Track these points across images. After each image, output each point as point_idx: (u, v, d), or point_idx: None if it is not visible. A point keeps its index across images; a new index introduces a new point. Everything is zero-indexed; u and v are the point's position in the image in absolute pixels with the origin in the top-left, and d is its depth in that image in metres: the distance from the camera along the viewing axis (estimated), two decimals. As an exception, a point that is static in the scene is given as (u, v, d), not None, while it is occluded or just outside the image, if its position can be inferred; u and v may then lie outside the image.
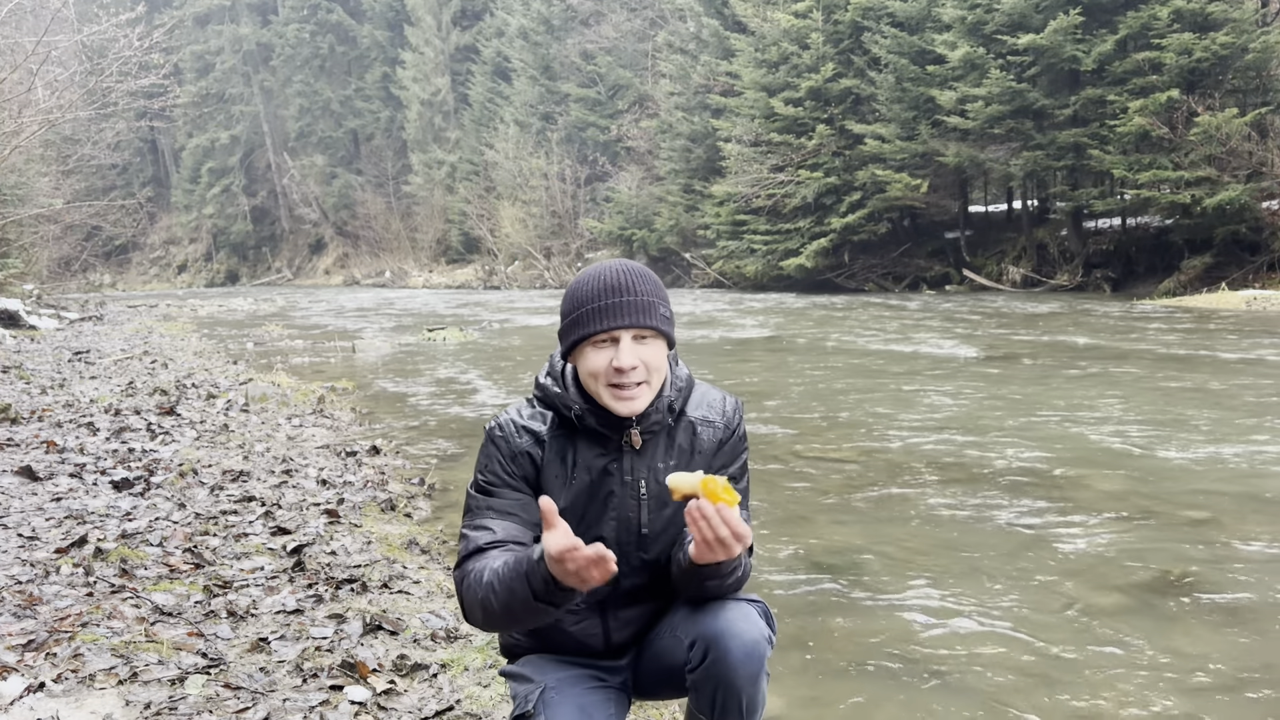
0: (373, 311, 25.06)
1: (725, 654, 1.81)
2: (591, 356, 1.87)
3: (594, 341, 1.86)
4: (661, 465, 1.95)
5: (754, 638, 1.82)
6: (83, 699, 2.55)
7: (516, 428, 1.95)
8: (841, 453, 6.35)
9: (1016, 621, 3.50)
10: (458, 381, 10.52)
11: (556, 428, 1.95)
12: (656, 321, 1.87)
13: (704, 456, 1.98)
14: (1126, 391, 8.43)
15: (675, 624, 1.95)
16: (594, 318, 1.85)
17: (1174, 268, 20.37)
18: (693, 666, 1.86)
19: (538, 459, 1.93)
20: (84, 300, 30.76)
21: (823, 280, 26.41)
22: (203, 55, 59.14)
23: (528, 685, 1.95)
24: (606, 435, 1.93)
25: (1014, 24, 21.41)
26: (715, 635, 1.82)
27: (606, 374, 1.85)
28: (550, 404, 1.96)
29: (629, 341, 1.84)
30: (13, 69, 16.61)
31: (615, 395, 1.86)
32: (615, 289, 1.85)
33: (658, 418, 1.93)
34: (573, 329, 1.88)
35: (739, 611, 1.85)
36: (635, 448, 1.93)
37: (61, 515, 4.40)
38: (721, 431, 2.00)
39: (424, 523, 4.92)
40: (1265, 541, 4.31)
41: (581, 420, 1.91)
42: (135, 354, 12.63)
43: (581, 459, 1.93)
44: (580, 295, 1.88)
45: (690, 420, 1.99)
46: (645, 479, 1.94)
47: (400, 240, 50.53)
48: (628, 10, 37.40)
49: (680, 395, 1.97)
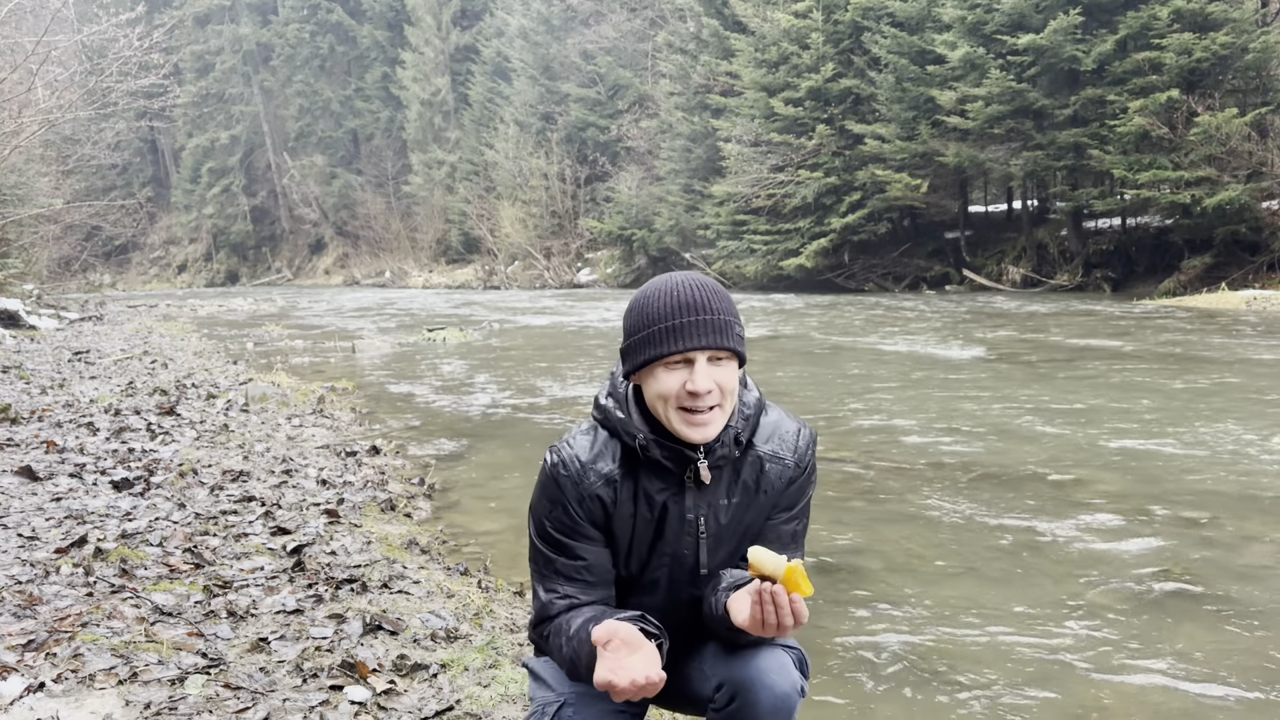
0: (373, 311, 25.06)
1: (754, 705, 1.73)
2: (663, 378, 1.73)
3: (666, 363, 1.72)
4: (724, 502, 1.82)
5: (785, 691, 1.73)
6: (83, 699, 2.55)
7: (584, 467, 1.79)
8: (841, 453, 6.35)
9: (1016, 621, 3.50)
10: (458, 381, 10.52)
11: (623, 463, 1.80)
12: (732, 342, 1.73)
13: (770, 496, 1.85)
14: (1126, 391, 8.43)
15: (705, 657, 1.86)
16: (667, 337, 1.71)
17: (1174, 268, 20.36)
18: (718, 709, 1.78)
19: (608, 502, 1.79)
20: (84, 300, 30.76)
21: (823, 280, 26.41)
22: (203, 55, 59.11)
23: (547, 692, 1.87)
24: (669, 469, 1.79)
25: (1014, 24, 21.40)
26: (745, 683, 1.74)
27: (679, 397, 1.72)
28: (611, 429, 1.82)
29: (704, 363, 1.71)
30: (13, 69, 16.60)
31: (687, 420, 1.72)
32: (690, 307, 1.71)
33: (724, 451, 1.78)
34: (642, 348, 1.74)
35: (774, 661, 1.76)
36: (703, 483, 1.79)
37: (61, 515, 4.40)
38: (792, 470, 1.85)
39: (424, 523, 4.92)
40: (1265, 541, 4.31)
41: (646, 451, 1.77)
42: (135, 354, 12.63)
43: (646, 494, 1.80)
44: (651, 312, 1.73)
45: (759, 454, 1.84)
46: (705, 516, 1.82)
47: (400, 240, 50.53)
48: (628, 10, 37.38)
49: (748, 425, 1.82)
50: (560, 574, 1.81)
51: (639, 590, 1.89)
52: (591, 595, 1.82)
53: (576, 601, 1.81)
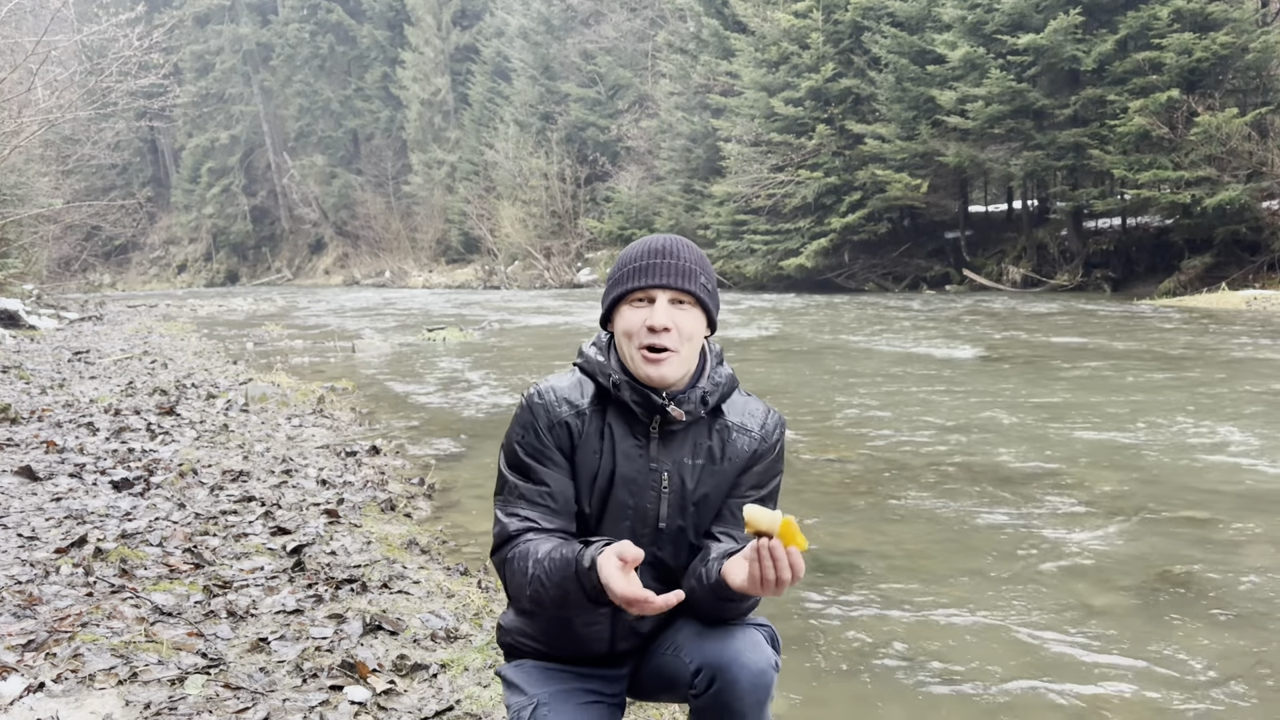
0: (373, 311, 25.06)
1: (733, 684, 1.78)
2: (628, 315, 1.87)
3: (631, 300, 1.87)
4: (689, 462, 1.91)
5: (761, 667, 1.80)
6: (83, 699, 2.55)
7: (557, 396, 1.91)
8: (841, 453, 6.35)
9: (1016, 621, 3.50)
10: (458, 381, 10.52)
11: (595, 401, 1.92)
12: (695, 288, 1.86)
13: (733, 465, 1.93)
14: (1126, 391, 8.43)
15: (680, 643, 1.92)
16: (634, 275, 1.87)
17: (1174, 268, 20.36)
18: (698, 693, 1.84)
19: (575, 431, 1.90)
20: (84, 300, 30.75)
21: (823, 280, 26.41)
22: (202, 55, 59.10)
23: (521, 697, 1.93)
24: (637, 417, 1.89)
25: (1014, 24, 21.40)
26: (723, 664, 1.80)
27: (639, 334, 1.85)
28: (590, 371, 1.94)
29: (664, 303, 1.85)
30: (13, 69, 16.60)
31: (646, 358, 1.85)
32: (659, 251, 1.87)
33: (690, 407, 1.88)
34: (613, 288, 1.90)
35: (747, 640, 1.83)
36: (665, 433, 1.89)
37: (61, 515, 4.40)
38: (757, 443, 1.95)
39: (424, 523, 4.92)
40: (1265, 541, 4.31)
41: (618, 390, 1.88)
42: (135, 354, 12.63)
43: (613, 437, 1.90)
44: (626, 257, 1.91)
45: (727, 424, 1.94)
46: (669, 471, 1.90)
47: (400, 240, 50.52)
48: (628, 10, 37.38)
49: (717, 390, 1.92)
50: (523, 498, 1.90)
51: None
52: (551, 522, 1.89)
53: (535, 526, 1.88)
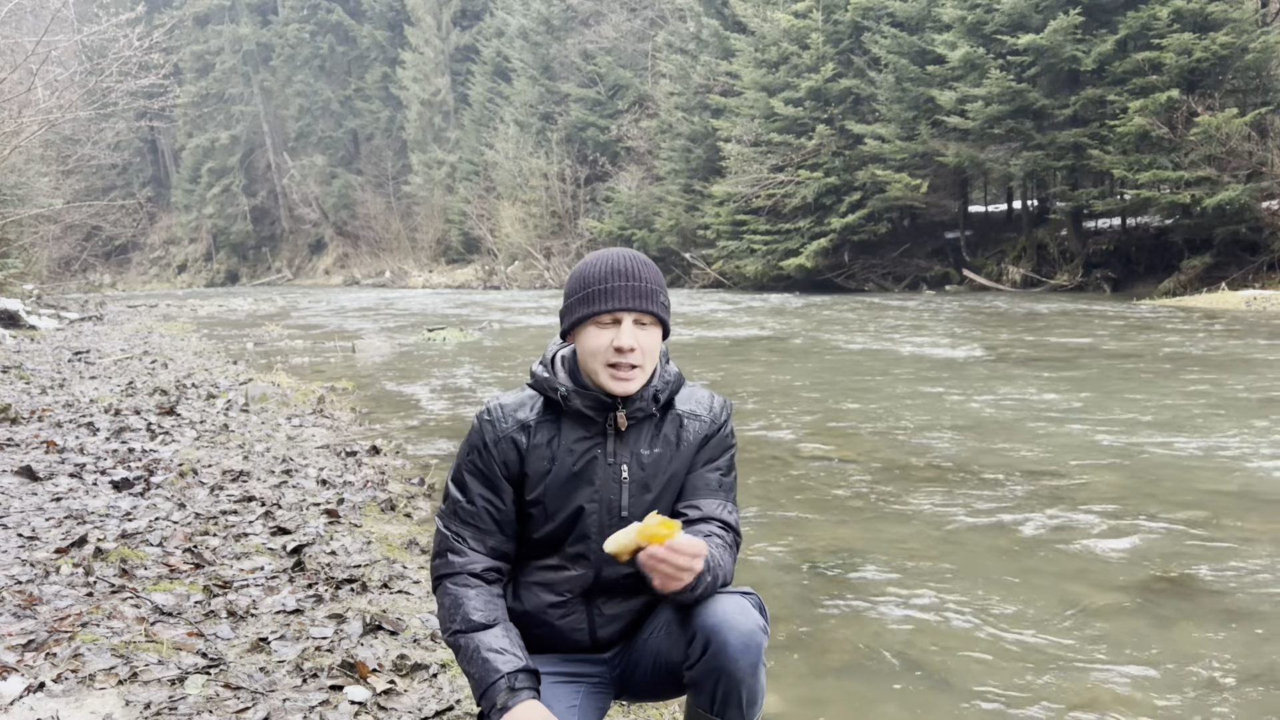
0: (373, 311, 25.06)
1: (724, 646, 1.84)
2: (594, 335, 1.94)
3: (597, 321, 1.94)
4: (646, 452, 2.01)
5: (750, 628, 1.86)
6: (83, 699, 2.55)
7: (504, 413, 2.02)
8: (841, 453, 6.35)
9: (1016, 621, 3.50)
10: (458, 382, 10.52)
11: (543, 413, 2.01)
12: (656, 308, 1.96)
13: (689, 448, 2.05)
14: (1126, 391, 8.43)
15: (669, 621, 1.99)
16: (600, 298, 1.93)
17: (1174, 268, 20.37)
18: (692, 662, 1.89)
19: (522, 445, 2.00)
20: (84, 300, 30.73)
21: (823, 280, 26.41)
22: (203, 55, 59.14)
23: None
24: (591, 418, 1.99)
25: (1014, 24, 21.41)
26: (713, 628, 1.86)
27: (606, 353, 1.93)
28: (539, 388, 2.03)
29: (630, 324, 1.93)
30: (13, 69, 16.61)
31: (613, 375, 1.93)
32: (622, 273, 1.94)
33: (642, 405, 2.00)
34: (577, 307, 1.96)
35: (734, 604, 1.89)
36: (620, 429, 1.99)
37: (61, 515, 4.39)
38: (708, 426, 2.07)
39: (424, 523, 4.92)
40: (1265, 541, 4.31)
41: (567, 401, 1.97)
42: (135, 354, 12.63)
43: (566, 441, 2.00)
44: (588, 276, 1.96)
45: (678, 413, 2.06)
46: (628, 463, 2.00)
47: (400, 240, 50.53)
48: (628, 10, 37.39)
49: (668, 388, 2.03)
50: (457, 515, 2.03)
51: (576, 540, 2.01)
52: (480, 541, 2.02)
53: (465, 544, 2.02)
